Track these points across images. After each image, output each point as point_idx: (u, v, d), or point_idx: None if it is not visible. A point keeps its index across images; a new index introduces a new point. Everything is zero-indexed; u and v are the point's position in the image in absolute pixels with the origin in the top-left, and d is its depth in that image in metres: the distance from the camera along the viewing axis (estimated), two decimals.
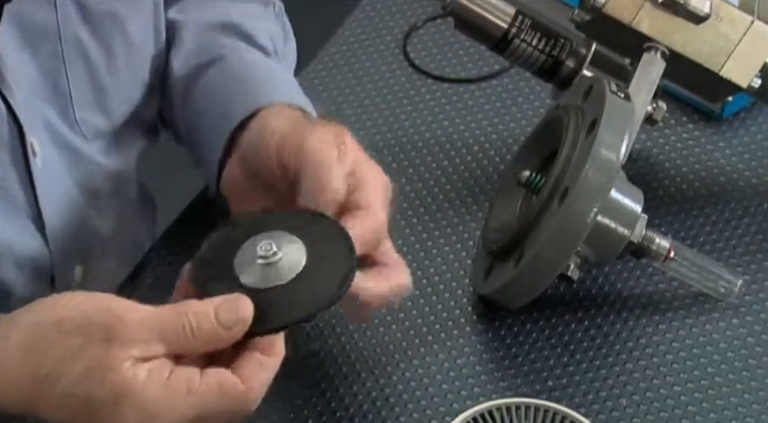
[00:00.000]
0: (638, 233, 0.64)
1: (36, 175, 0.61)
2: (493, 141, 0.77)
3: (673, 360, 0.64)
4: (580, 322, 0.66)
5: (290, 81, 0.67)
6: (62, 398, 0.51)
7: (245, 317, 0.52)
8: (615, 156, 0.62)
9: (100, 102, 0.65)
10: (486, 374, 0.63)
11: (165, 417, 0.51)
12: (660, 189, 0.73)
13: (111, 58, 0.64)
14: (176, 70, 0.68)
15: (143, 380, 0.50)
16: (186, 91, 0.67)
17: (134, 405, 0.50)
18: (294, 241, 0.54)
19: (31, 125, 0.60)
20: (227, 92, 0.65)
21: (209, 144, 0.64)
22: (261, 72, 0.66)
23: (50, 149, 0.62)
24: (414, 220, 0.72)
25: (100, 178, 0.66)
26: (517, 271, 0.63)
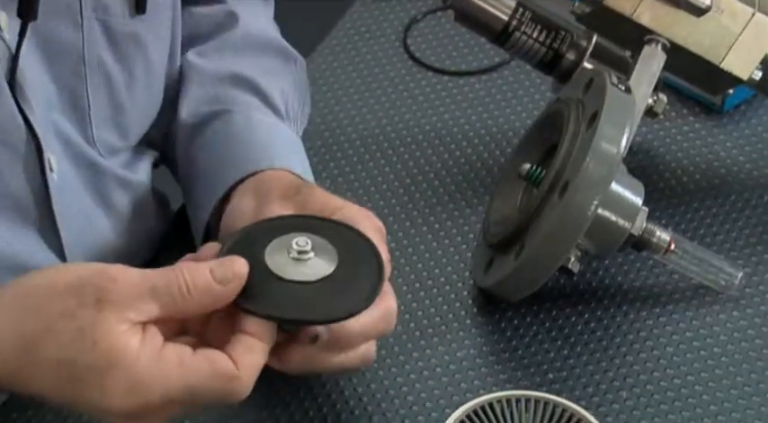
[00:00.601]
0: (638, 226, 0.65)
1: (53, 191, 0.61)
2: (493, 134, 0.77)
3: (673, 352, 0.64)
4: (580, 315, 0.66)
5: (293, 146, 0.67)
6: (48, 364, 0.50)
7: (241, 272, 0.51)
8: (616, 148, 0.63)
9: (118, 122, 0.65)
10: (487, 367, 0.63)
11: (154, 388, 0.50)
12: (661, 181, 0.74)
13: (131, 79, 0.65)
14: (183, 117, 0.68)
15: (135, 347, 0.50)
16: (189, 141, 0.68)
17: (124, 372, 0.50)
18: (327, 246, 0.55)
19: (48, 141, 0.60)
20: (225, 151, 0.65)
21: (200, 202, 0.65)
22: (263, 135, 0.66)
23: (67, 165, 0.62)
24: (414, 212, 0.72)
25: (116, 192, 0.66)
26: (518, 264, 0.63)
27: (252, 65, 0.70)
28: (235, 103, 0.68)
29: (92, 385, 0.50)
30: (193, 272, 0.51)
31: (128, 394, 0.50)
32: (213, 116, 0.67)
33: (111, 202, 0.66)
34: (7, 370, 0.51)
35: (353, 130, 0.78)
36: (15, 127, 0.58)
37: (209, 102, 0.68)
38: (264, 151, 0.65)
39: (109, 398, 0.50)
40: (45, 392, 0.51)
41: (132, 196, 0.67)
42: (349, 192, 0.74)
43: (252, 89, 0.69)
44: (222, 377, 0.51)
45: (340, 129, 0.78)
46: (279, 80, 0.70)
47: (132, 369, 0.50)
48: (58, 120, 0.62)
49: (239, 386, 0.51)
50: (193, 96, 0.68)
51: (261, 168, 0.63)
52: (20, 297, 0.52)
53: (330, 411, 0.61)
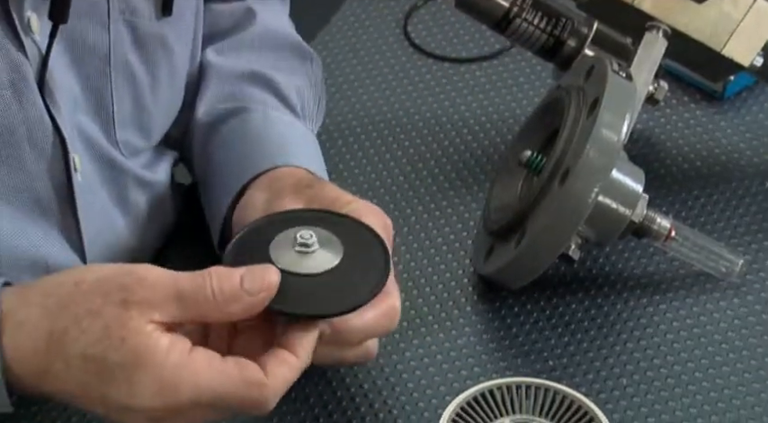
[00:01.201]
0: (639, 213, 0.65)
1: (77, 191, 0.61)
2: (494, 121, 0.77)
3: (673, 339, 0.65)
4: (581, 302, 0.66)
5: (308, 144, 0.67)
6: (77, 359, 0.50)
7: (271, 283, 0.51)
8: (616, 136, 0.63)
9: (141, 123, 0.65)
10: (487, 354, 0.64)
11: (183, 389, 0.49)
12: (661, 169, 0.74)
13: (155, 81, 0.65)
14: (200, 116, 0.68)
15: (165, 346, 0.50)
16: (206, 139, 0.68)
17: (153, 370, 0.49)
18: (333, 239, 0.55)
19: (72, 141, 0.61)
20: (242, 149, 0.66)
21: (216, 200, 0.65)
22: (280, 133, 0.66)
23: (89, 165, 0.63)
24: (414, 200, 0.73)
25: (135, 191, 0.66)
26: (518, 251, 0.64)
27: (269, 63, 0.70)
28: (252, 100, 0.68)
29: (120, 382, 0.50)
30: (222, 278, 0.51)
31: (156, 394, 0.50)
32: (230, 114, 0.68)
33: (129, 202, 0.66)
34: (36, 366, 0.51)
35: (354, 117, 0.78)
36: (43, 128, 0.59)
37: (225, 99, 0.68)
38: (281, 149, 0.65)
39: (137, 396, 0.50)
40: (73, 390, 0.51)
41: (151, 196, 0.67)
42: (349, 179, 0.74)
43: (268, 87, 0.69)
44: (251, 384, 0.51)
45: (341, 116, 0.78)
46: (295, 78, 0.71)
47: (161, 368, 0.50)
48: (82, 120, 0.62)
49: (267, 395, 0.51)
50: (211, 95, 0.69)
51: (276, 165, 0.63)
52: (46, 295, 0.52)
53: (330, 397, 0.61)
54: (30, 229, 0.60)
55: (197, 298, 0.50)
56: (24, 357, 0.51)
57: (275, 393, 0.51)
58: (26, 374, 0.52)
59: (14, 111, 0.57)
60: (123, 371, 0.50)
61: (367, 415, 0.60)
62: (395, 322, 0.57)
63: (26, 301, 0.52)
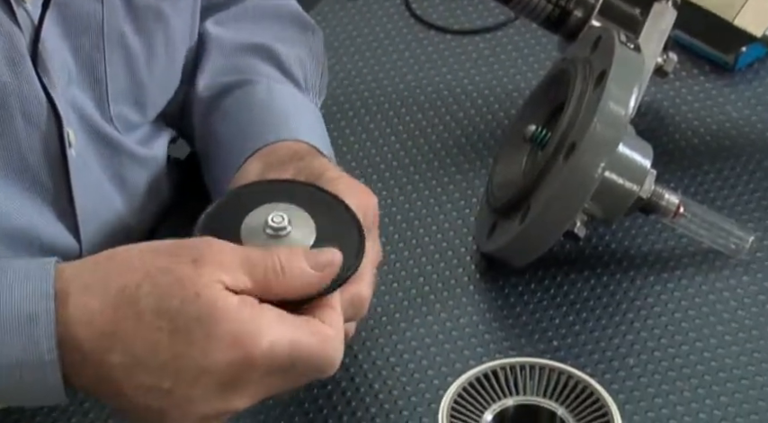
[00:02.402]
0: (646, 189, 0.65)
1: (71, 166, 0.61)
2: (497, 95, 0.77)
3: (681, 318, 0.65)
4: (586, 281, 0.66)
5: (312, 117, 0.67)
6: (150, 314, 0.50)
7: (336, 261, 0.52)
8: (624, 109, 0.63)
9: (136, 97, 0.65)
10: (490, 334, 0.64)
11: (258, 338, 0.50)
12: (670, 143, 0.74)
13: (151, 54, 0.65)
14: (200, 90, 0.68)
15: (236, 301, 0.50)
16: (208, 111, 0.68)
17: (230, 322, 0.49)
18: (307, 221, 0.55)
19: (66, 115, 0.61)
20: (247, 121, 0.66)
21: (219, 174, 0.65)
22: (284, 106, 0.66)
23: (84, 140, 0.63)
24: (416, 176, 0.73)
25: (131, 168, 0.66)
26: (522, 228, 0.64)
27: (270, 34, 0.70)
28: (255, 73, 0.68)
29: (195, 337, 0.50)
30: (289, 255, 0.52)
31: (232, 346, 0.50)
32: (233, 86, 0.67)
33: (125, 178, 0.66)
34: (101, 328, 0.50)
35: (353, 91, 0.78)
36: (37, 101, 0.59)
37: (228, 72, 0.68)
38: (284, 122, 0.65)
39: (212, 353, 0.50)
40: (140, 353, 0.50)
41: (147, 172, 0.67)
42: (348, 154, 0.74)
43: (271, 59, 0.69)
44: (320, 335, 0.51)
45: (340, 89, 0.78)
46: (297, 49, 0.70)
47: (237, 320, 0.50)
48: (76, 94, 0.62)
49: (336, 347, 0.52)
50: (212, 67, 0.68)
51: (278, 139, 0.63)
52: (107, 259, 0.52)
53: (329, 379, 0.61)
54: (24, 204, 0.60)
55: (265, 267, 0.51)
56: (91, 318, 0.50)
57: (341, 343, 0.52)
58: (89, 338, 0.50)
59: (7, 82, 0.57)
60: (200, 325, 0.50)
61: (366, 396, 0.60)
62: (361, 311, 0.57)
63: (92, 265, 0.52)
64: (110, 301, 0.51)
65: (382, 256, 0.61)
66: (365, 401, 0.60)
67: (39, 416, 0.59)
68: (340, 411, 0.60)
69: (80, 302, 0.51)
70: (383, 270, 0.65)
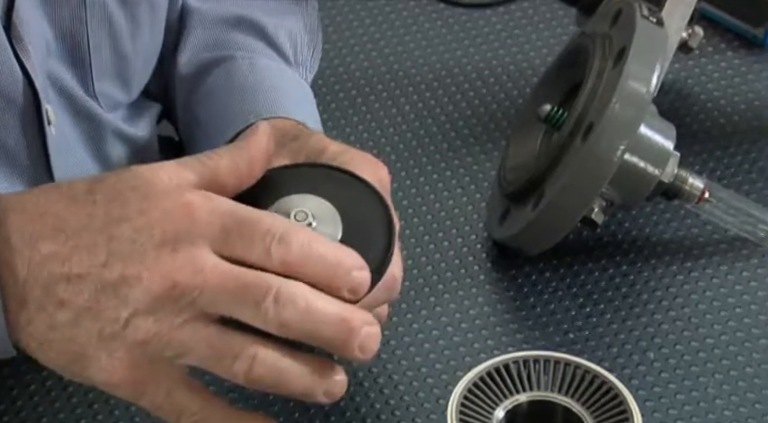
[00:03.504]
0: (669, 172, 0.65)
1: (51, 146, 0.61)
2: (510, 72, 0.78)
3: (705, 310, 0.65)
4: (604, 270, 0.67)
5: (300, 94, 0.67)
6: (84, 194, 0.50)
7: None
8: (645, 88, 0.63)
9: (120, 72, 0.66)
10: (502, 326, 0.64)
11: (209, 196, 0.50)
12: (694, 124, 0.74)
13: (135, 25, 0.65)
14: (182, 67, 0.68)
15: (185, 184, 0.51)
16: (190, 89, 0.68)
17: (172, 189, 0.50)
18: (330, 210, 0.54)
19: (46, 92, 0.61)
20: (228, 100, 0.66)
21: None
22: (268, 83, 0.66)
23: (65, 117, 0.63)
24: (423, 158, 0.73)
25: (116, 147, 0.67)
26: (536, 214, 0.64)
27: (257, 6, 0.70)
28: (238, 47, 0.68)
29: (131, 200, 0.50)
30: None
31: (171, 198, 0.50)
32: (215, 63, 0.68)
33: (109, 158, 0.66)
34: (32, 212, 0.51)
35: (357, 68, 0.78)
36: (11, 74, 0.59)
37: (210, 47, 0.68)
38: (268, 100, 0.65)
39: (149, 208, 0.50)
40: (74, 227, 0.50)
41: (132, 152, 0.68)
42: (352, 135, 0.74)
43: (257, 32, 0.69)
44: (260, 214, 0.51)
45: (343, 66, 0.78)
46: (287, 22, 0.70)
47: (178, 189, 0.50)
48: (55, 67, 0.62)
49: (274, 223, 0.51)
50: (193, 43, 0.69)
51: (261, 117, 0.64)
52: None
53: None
54: (1, 184, 0.60)
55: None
56: (23, 206, 0.51)
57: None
58: (19, 227, 0.51)
59: None
60: (136, 192, 0.50)
61: (371, 391, 0.61)
62: (395, 293, 0.57)
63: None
64: (42, 190, 0.52)
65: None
66: (369, 397, 0.61)
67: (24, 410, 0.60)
68: (343, 407, 0.60)
69: (13, 197, 0.52)
70: None
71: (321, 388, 0.52)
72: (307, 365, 0.51)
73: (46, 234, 0.51)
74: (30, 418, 0.59)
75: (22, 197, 0.53)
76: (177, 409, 0.51)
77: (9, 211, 0.52)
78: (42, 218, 0.51)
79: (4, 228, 0.51)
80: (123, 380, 0.50)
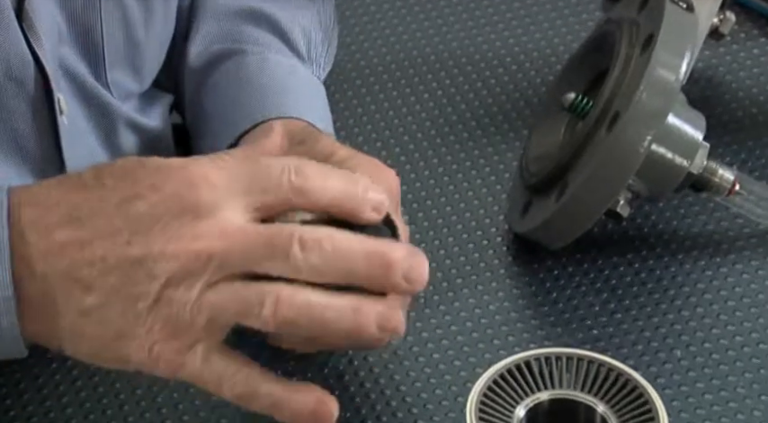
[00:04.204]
0: (698, 164, 0.65)
1: (63, 135, 0.62)
2: (534, 59, 0.78)
3: (735, 307, 0.65)
4: (629, 264, 0.67)
5: (312, 92, 0.68)
6: (93, 179, 0.52)
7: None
8: (674, 76, 0.63)
9: (132, 61, 0.66)
10: (523, 322, 0.65)
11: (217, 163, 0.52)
12: (725, 114, 0.74)
13: (148, 13, 0.65)
14: (192, 59, 0.69)
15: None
16: (198, 83, 0.68)
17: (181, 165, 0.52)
18: (332, 220, 0.53)
19: (58, 80, 0.62)
20: (236, 97, 0.66)
21: (207, 152, 0.64)
22: (279, 80, 0.67)
23: (76, 107, 0.64)
24: (442, 148, 0.73)
25: (128, 138, 0.67)
26: (559, 207, 0.64)
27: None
28: (249, 41, 0.69)
29: (142, 177, 0.52)
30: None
31: (182, 169, 0.51)
32: (225, 56, 0.68)
33: (121, 149, 0.67)
34: (46, 203, 0.52)
35: (375, 54, 0.79)
36: (23, 62, 0.60)
37: (220, 39, 0.69)
38: (277, 98, 0.66)
39: (162, 181, 0.51)
40: (86, 213, 0.52)
41: (145, 143, 0.68)
42: (369, 125, 0.75)
43: (270, 26, 0.69)
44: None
45: (360, 52, 0.79)
46: (301, 17, 0.71)
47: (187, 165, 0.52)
48: (67, 55, 0.63)
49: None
50: (204, 35, 0.69)
51: (271, 117, 0.64)
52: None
53: (347, 368, 0.62)
54: (9, 176, 0.61)
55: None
56: (37, 199, 0.53)
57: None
58: (34, 219, 0.52)
59: None
60: (146, 169, 0.52)
61: (387, 389, 0.62)
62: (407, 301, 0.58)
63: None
64: (51, 182, 0.54)
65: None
66: (386, 394, 0.61)
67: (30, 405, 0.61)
68: (358, 404, 0.61)
69: (24, 190, 0.53)
70: None
71: (371, 322, 0.52)
72: (344, 299, 0.51)
73: (61, 223, 0.52)
74: (37, 412, 0.60)
75: (32, 190, 0.54)
76: (217, 375, 0.52)
77: (23, 206, 0.53)
78: (55, 208, 0.52)
79: (19, 223, 0.52)
80: (162, 353, 0.51)
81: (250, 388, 0.52)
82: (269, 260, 0.51)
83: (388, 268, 0.52)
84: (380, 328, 0.52)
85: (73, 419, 0.59)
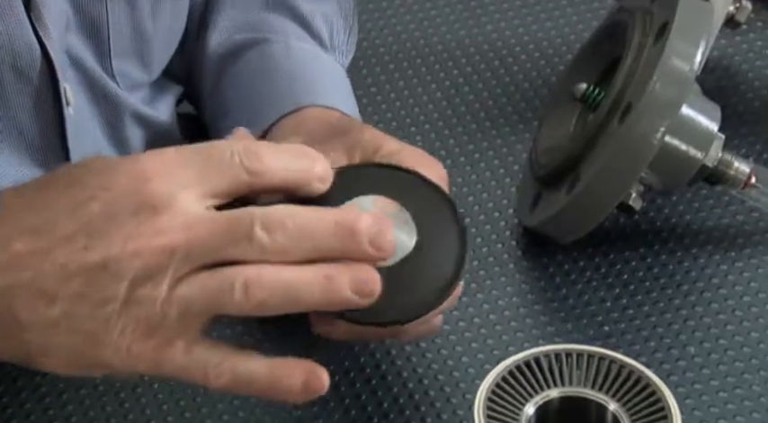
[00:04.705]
0: (713, 156, 0.66)
1: (68, 127, 0.62)
2: (544, 48, 0.78)
3: (750, 302, 0.65)
4: (642, 259, 0.67)
5: (337, 80, 0.68)
6: (60, 184, 0.52)
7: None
8: (688, 65, 0.63)
9: (139, 51, 0.66)
10: (532, 317, 0.65)
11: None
12: (741, 104, 0.74)
13: (156, 3, 0.66)
14: (212, 48, 0.69)
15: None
16: (220, 73, 0.69)
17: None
18: (403, 214, 0.54)
19: (63, 70, 0.62)
20: (261, 86, 0.66)
21: None
22: (305, 68, 0.67)
23: (82, 98, 0.64)
24: (450, 140, 0.74)
25: (134, 130, 0.68)
26: (570, 199, 0.65)
27: None
28: (272, 30, 0.69)
29: (91, 177, 0.51)
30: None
31: (138, 162, 0.51)
32: (247, 45, 0.68)
33: (127, 141, 0.67)
34: (16, 205, 0.52)
35: (381, 44, 0.79)
36: (30, 53, 0.60)
37: (242, 29, 0.69)
38: (306, 86, 0.66)
39: (115, 177, 0.51)
40: (42, 218, 0.51)
41: (151, 135, 0.69)
42: (375, 115, 0.75)
43: (291, 14, 0.70)
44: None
45: (367, 41, 0.79)
46: (322, 5, 0.71)
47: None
48: (73, 44, 0.63)
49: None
50: (225, 23, 0.69)
51: (302, 105, 0.64)
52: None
53: (352, 363, 0.62)
54: (13, 167, 0.61)
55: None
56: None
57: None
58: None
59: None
60: (99, 169, 0.51)
61: (393, 386, 0.62)
62: (456, 301, 0.59)
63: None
64: (8, 193, 0.53)
65: None
66: (392, 391, 0.62)
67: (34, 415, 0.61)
68: (363, 401, 0.61)
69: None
70: None
71: (344, 286, 0.51)
72: (313, 269, 0.51)
73: (15, 235, 0.51)
74: (35, 410, 0.60)
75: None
76: (201, 364, 0.52)
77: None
78: (8, 220, 0.52)
79: None
80: (141, 353, 0.51)
81: (236, 376, 0.52)
82: (233, 246, 0.50)
83: (354, 236, 0.51)
84: (356, 292, 0.52)
85: (73, 417, 0.60)
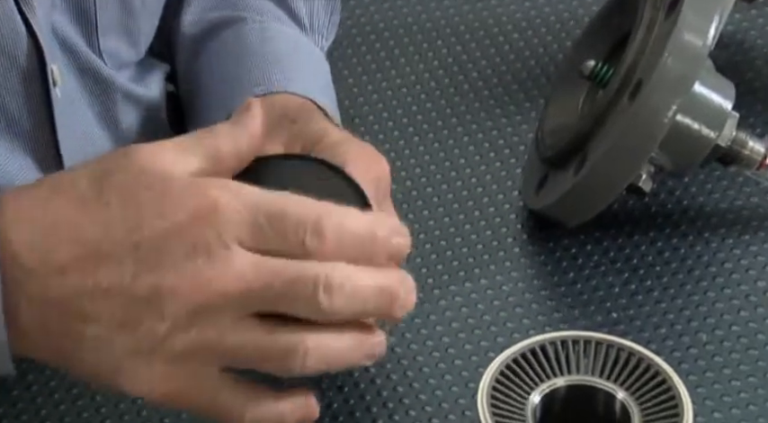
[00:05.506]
0: (726, 135, 0.66)
1: (56, 109, 0.63)
2: (550, 24, 0.78)
3: (765, 288, 0.65)
4: (652, 243, 0.67)
5: (315, 65, 0.68)
6: (93, 193, 0.51)
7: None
8: (701, 40, 0.64)
9: (126, 28, 0.67)
10: (538, 304, 0.65)
11: (229, 185, 0.51)
12: (756, 81, 0.74)
13: None
14: (186, 26, 0.69)
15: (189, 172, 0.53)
16: (193, 52, 0.69)
17: (185, 181, 0.51)
18: None
19: (50, 49, 0.62)
20: (234, 68, 0.66)
21: (202, 124, 0.64)
22: (280, 51, 0.67)
23: (71, 78, 0.64)
24: (453, 119, 0.74)
25: (124, 109, 0.68)
26: (577, 180, 0.65)
27: None
28: (249, 9, 0.69)
29: (146, 201, 0.50)
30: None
31: (192, 195, 0.50)
32: (223, 24, 0.69)
33: (117, 121, 0.68)
34: (42, 223, 0.51)
35: (380, 19, 0.79)
36: (15, 32, 0.60)
37: (217, 6, 0.69)
38: (278, 71, 0.66)
39: (170, 210, 0.50)
40: (92, 237, 0.50)
41: (141, 115, 0.69)
42: (375, 93, 0.75)
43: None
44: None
45: (365, 16, 0.79)
46: None
47: (191, 179, 0.51)
48: (59, 22, 0.63)
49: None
50: (200, 1, 0.70)
51: (270, 91, 0.65)
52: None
53: None
54: (2, 152, 0.62)
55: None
56: (28, 215, 0.52)
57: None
58: (27, 239, 0.51)
59: None
60: (151, 191, 0.51)
61: (393, 374, 0.62)
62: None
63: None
64: (44, 194, 0.52)
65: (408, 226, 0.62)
66: (392, 380, 0.62)
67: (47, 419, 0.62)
68: (363, 391, 0.62)
69: (14, 203, 0.52)
70: (415, 229, 0.66)
71: (365, 356, 0.54)
72: (352, 339, 0.53)
73: (61, 247, 0.51)
74: (28, 410, 0.60)
75: (22, 204, 0.52)
76: (226, 410, 0.52)
77: (16, 223, 0.51)
78: (54, 228, 0.51)
79: (11, 244, 0.51)
80: (166, 393, 0.51)
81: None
82: (290, 302, 0.51)
83: (392, 303, 0.53)
84: (370, 359, 0.55)
85: (66, 417, 0.60)
